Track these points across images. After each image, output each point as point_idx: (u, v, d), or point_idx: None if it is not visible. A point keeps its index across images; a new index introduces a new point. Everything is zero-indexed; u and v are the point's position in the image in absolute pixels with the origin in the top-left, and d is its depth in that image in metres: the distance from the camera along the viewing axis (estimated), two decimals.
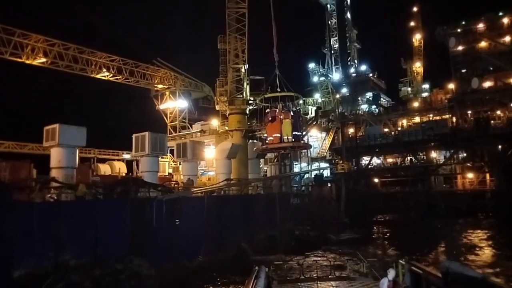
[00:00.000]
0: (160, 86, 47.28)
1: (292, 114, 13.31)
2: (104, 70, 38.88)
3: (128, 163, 43.40)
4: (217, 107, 40.88)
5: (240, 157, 35.09)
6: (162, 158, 36.62)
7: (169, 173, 41.04)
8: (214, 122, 46.55)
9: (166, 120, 51.01)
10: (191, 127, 49.88)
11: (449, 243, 32.76)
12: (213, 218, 25.01)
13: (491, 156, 53.29)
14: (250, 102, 38.28)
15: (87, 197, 19.89)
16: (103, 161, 41.64)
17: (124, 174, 36.06)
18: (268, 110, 13.25)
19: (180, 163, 35.13)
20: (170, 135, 48.34)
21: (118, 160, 43.20)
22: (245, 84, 37.65)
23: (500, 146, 52.91)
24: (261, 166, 42.76)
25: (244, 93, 37.44)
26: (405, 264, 11.32)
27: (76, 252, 17.05)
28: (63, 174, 21.81)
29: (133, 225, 20.31)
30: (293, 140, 12.62)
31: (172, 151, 40.02)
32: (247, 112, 38.86)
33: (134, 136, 27.39)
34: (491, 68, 55.70)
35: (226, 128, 40.16)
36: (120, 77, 40.67)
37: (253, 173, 37.27)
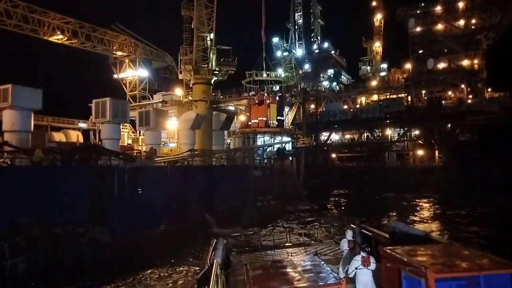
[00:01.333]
0: (119, 53, 45.04)
1: (277, 99, 13.14)
2: (58, 32, 36.37)
3: (85, 133, 41.55)
4: (180, 76, 39.65)
5: (205, 128, 34.69)
6: (122, 128, 35.42)
7: (128, 144, 39.90)
8: (178, 92, 45.33)
9: (125, 89, 49.06)
10: (152, 98, 48.39)
11: (396, 211, 35.13)
12: (176, 188, 24.72)
13: (441, 134, 56.68)
14: (215, 72, 37.50)
15: (44, 163, 18.91)
16: (57, 129, 39.57)
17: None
18: (252, 92, 12.97)
19: (141, 132, 34.17)
20: (130, 105, 46.59)
21: (74, 129, 41.22)
22: (211, 53, 36.68)
23: (449, 125, 56.30)
24: (225, 138, 42.59)
25: (210, 63, 36.51)
26: (356, 227, 12.11)
27: (32, 219, 16.31)
28: (17, 139, 20.55)
29: (93, 194, 19.70)
30: (277, 124, 12.56)
31: (131, 122, 38.76)
32: (212, 82, 38.11)
33: (94, 101, 26.21)
34: (446, 50, 58.38)
35: (190, 98, 39.31)
36: (76, 41, 38.30)
37: (217, 145, 37.09)
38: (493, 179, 40.31)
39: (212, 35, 36.58)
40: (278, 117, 13.34)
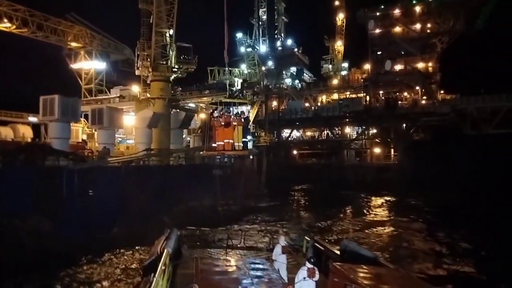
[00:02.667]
0: (74, 44, 43.01)
1: (243, 120, 12.99)
2: (6, 20, 34.22)
3: (35, 127, 39.31)
4: (137, 72, 38.33)
5: (162, 127, 33.80)
6: (75, 124, 33.87)
7: (83, 140, 38.23)
8: (135, 88, 43.89)
9: (81, 82, 46.94)
10: (109, 92, 46.61)
11: (353, 208, 36.30)
12: (131, 189, 23.96)
13: (396, 134, 58.90)
14: (174, 70, 36.55)
15: None
16: (5, 123, 37.25)
17: (29, 140, 32.66)
18: (216, 112, 12.78)
19: (95, 130, 32.81)
20: (85, 98, 44.72)
21: (23, 123, 38.94)
22: (171, 50, 35.64)
23: (404, 125, 58.58)
24: (184, 137, 41.81)
25: (169, 60, 35.48)
26: (310, 240, 12.59)
27: None
28: None
29: (39, 197, 18.68)
30: (243, 147, 12.49)
31: (86, 116, 37.16)
32: (171, 80, 37.15)
33: (41, 98, 24.78)
34: (403, 53, 60.48)
35: (148, 95, 38.17)
36: (26, 30, 36.22)
37: (175, 144, 36.29)
38: (444, 177, 42.38)
39: (171, 31, 35.55)
40: (243, 139, 13.05)
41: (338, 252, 10.89)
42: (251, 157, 46.93)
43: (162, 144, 33.09)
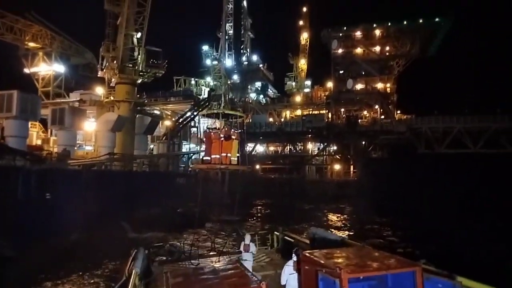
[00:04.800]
0: (32, 44, 40.93)
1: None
2: None
3: None
4: (100, 74, 36.91)
5: (127, 131, 32.69)
6: (30, 126, 31.88)
7: (37, 145, 35.97)
8: (99, 90, 42.22)
9: (37, 85, 44.50)
10: (68, 96, 44.50)
11: (314, 221, 36.84)
12: (91, 193, 22.85)
13: (356, 151, 60.78)
14: (142, 73, 35.68)
15: None
16: None
17: None
18: (216, 125, 12.34)
19: (53, 132, 31.06)
20: (42, 102, 42.30)
21: None
22: (141, 53, 34.79)
23: (364, 142, 60.70)
24: (148, 143, 40.62)
25: (137, 63, 34.60)
26: (280, 234, 13.05)
27: None
28: None
29: None
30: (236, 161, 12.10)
31: (42, 120, 35.11)
32: (137, 84, 36.20)
33: None
34: (363, 73, 63.14)
35: (112, 98, 36.84)
36: None
37: (139, 149, 35.17)
38: (397, 192, 44.10)
39: (139, 34, 34.82)
40: (237, 154, 12.64)
41: (307, 241, 11.46)
42: None
43: (125, 149, 31.93)
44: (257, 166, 69.08)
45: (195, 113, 41.12)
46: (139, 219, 25.79)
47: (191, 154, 43.17)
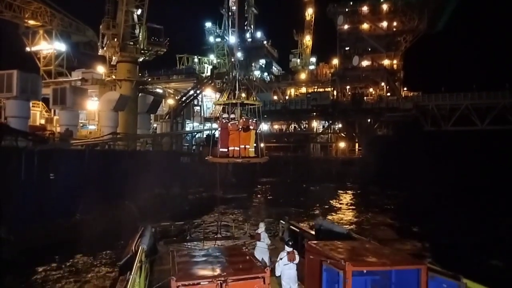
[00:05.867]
0: (31, 22, 40.16)
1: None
2: None
3: None
4: (100, 52, 36.29)
5: (129, 110, 32.37)
6: (33, 106, 31.70)
7: (41, 124, 35.92)
8: (100, 69, 41.69)
9: (39, 64, 44.00)
10: (70, 75, 44.03)
11: (320, 201, 36.85)
12: (94, 174, 22.74)
13: (361, 128, 60.30)
14: (144, 51, 35.02)
15: None
16: None
17: None
18: (225, 114, 11.21)
19: (56, 111, 30.86)
20: (44, 81, 42.00)
21: None
22: (142, 31, 34.00)
23: (369, 120, 60.10)
24: (151, 122, 40.41)
25: (139, 41, 33.87)
26: (285, 223, 13.02)
27: None
28: None
29: None
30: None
31: (45, 100, 34.85)
32: (139, 62, 35.58)
33: None
34: (370, 49, 61.90)
35: (114, 77, 36.34)
36: None
37: (142, 129, 34.97)
38: (402, 170, 43.92)
39: (140, 11, 33.96)
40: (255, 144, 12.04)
41: (313, 232, 11.50)
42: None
43: (128, 128, 31.73)
44: (262, 145, 68.83)
45: (197, 92, 40.68)
46: (143, 199, 25.86)
47: (195, 133, 42.97)
